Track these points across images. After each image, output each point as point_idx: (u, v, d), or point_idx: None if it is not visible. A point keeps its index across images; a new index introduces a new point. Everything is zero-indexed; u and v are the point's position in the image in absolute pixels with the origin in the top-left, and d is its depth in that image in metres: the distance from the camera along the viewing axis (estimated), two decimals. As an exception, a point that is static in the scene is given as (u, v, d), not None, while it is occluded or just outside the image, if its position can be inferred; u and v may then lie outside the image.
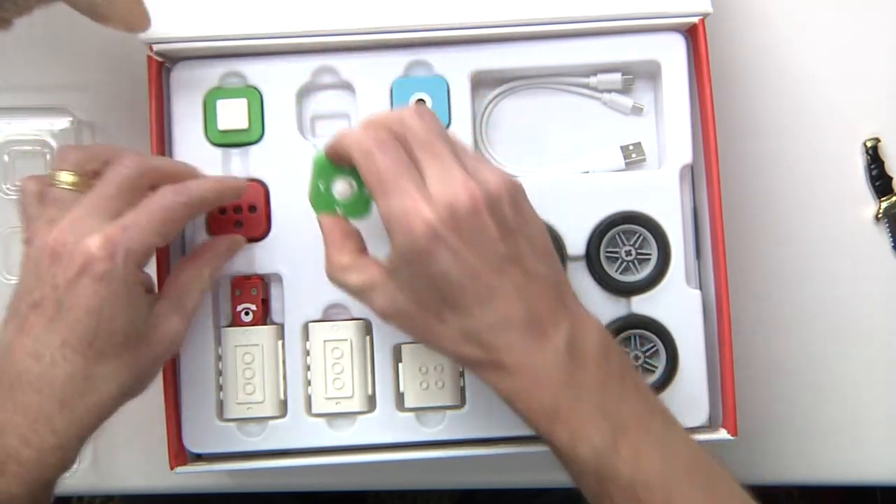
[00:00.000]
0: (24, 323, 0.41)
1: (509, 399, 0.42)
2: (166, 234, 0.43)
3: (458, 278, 0.40)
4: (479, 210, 0.40)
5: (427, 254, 0.40)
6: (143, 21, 0.47)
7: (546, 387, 0.41)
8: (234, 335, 0.52)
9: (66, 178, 0.45)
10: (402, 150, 0.42)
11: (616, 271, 0.53)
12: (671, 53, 0.53)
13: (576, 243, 0.53)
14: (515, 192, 0.43)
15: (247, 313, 0.52)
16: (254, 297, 0.52)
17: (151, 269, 0.51)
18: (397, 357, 0.53)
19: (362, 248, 0.46)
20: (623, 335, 0.53)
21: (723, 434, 0.51)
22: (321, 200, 0.47)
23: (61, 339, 0.41)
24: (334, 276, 0.45)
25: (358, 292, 0.45)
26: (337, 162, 0.45)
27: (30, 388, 0.41)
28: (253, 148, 0.53)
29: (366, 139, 0.42)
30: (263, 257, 0.52)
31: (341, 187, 0.47)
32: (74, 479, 0.57)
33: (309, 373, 0.52)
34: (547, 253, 0.44)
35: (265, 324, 0.53)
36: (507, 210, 0.42)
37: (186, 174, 0.48)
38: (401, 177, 0.41)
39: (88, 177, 0.45)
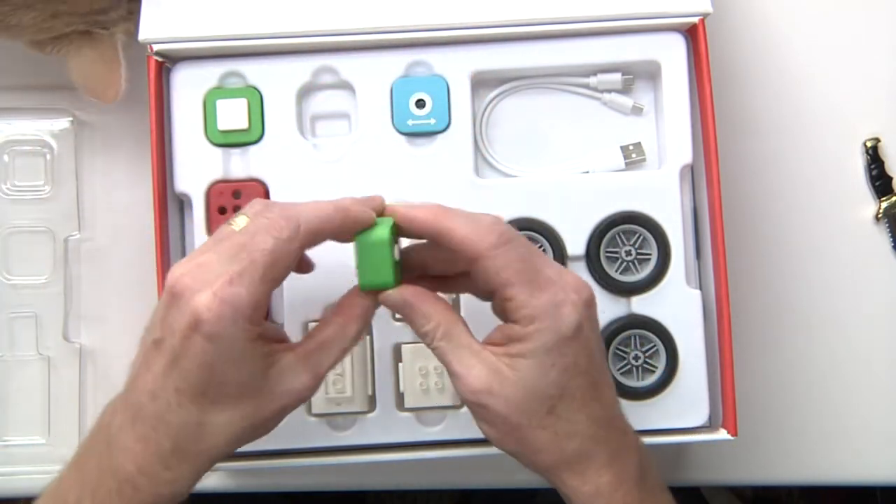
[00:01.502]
0: (146, 358, 0.41)
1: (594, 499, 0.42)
2: (276, 278, 0.40)
3: (586, 367, 0.41)
4: (594, 307, 0.43)
5: (571, 342, 0.41)
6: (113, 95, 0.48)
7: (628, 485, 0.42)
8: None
9: (240, 221, 0.42)
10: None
11: (616, 271, 0.53)
12: (671, 53, 0.53)
13: (576, 243, 0.53)
14: None
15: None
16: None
17: (150, 270, 0.51)
18: (397, 357, 0.53)
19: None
20: (623, 335, 0.53)
21: (723, 434, 0.51)
22: (395, 271, 0.43)
23: (175, 386, 0.40)
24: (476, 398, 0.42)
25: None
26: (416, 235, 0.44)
27: (147, 424, 0.40)
28: (253, 148, 0.53)
29: (492, 231, 0.41)
30: (263, 257, 0.52)
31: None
32: (73, 455, 0.57)
33: None
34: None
35: (265, 324, 0.53)
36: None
37: (338, 220, 0.43)
38: (529, 271, 0.41)
39: None
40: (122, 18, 0.52)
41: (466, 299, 0.51)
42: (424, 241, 0.45)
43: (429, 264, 0.46)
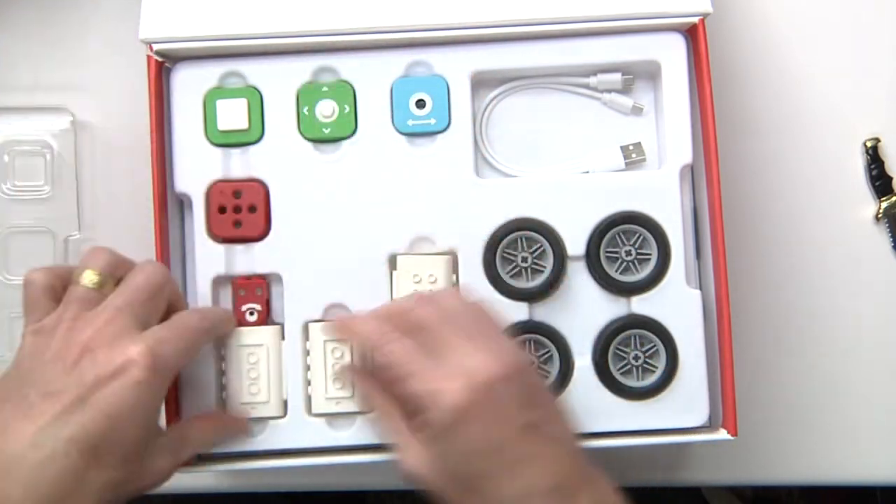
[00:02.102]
0: (29, 410, 0.41)
1: None
2: (191, 355, 0.46)
3: (485, 449, 0.42)
4: (499, 383, 0.42)
5: (456, 428, 0.41)
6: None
7: None
8: (237, 336, 0.52)
9: (90, 277, 0.45)
10: (410, 339, 0.44)
11: (616, 271, 0.53)
12: (671, 53, 0.53)
13: (576, 243, 0.53)
14: (527, 365, 0.45)
15: (252, 313, 0.52)
16: (258, 297, 0.52)
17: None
18: (397, 357, 0.53)
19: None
20: (623, 335, 0.53)
21: (723, 434, 0.51)
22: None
23: (70, 434, 0.40)
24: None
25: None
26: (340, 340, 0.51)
27: (15, 481, 0.40)
28: (253, 148, 0.53)
29: (381, 330, 0.45)
30: (263, 257, 0.52)
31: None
32: None
33: (309, 373, 0.52)
34: (563, 417, 0.46)
35: (267, 324, 0.53)
36: (523, 380, 0.43)
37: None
38: (419, 360, 0.43)
39: (111, 281, 0.46)
40: None
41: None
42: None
43: None
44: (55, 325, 0.44)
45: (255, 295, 0.52)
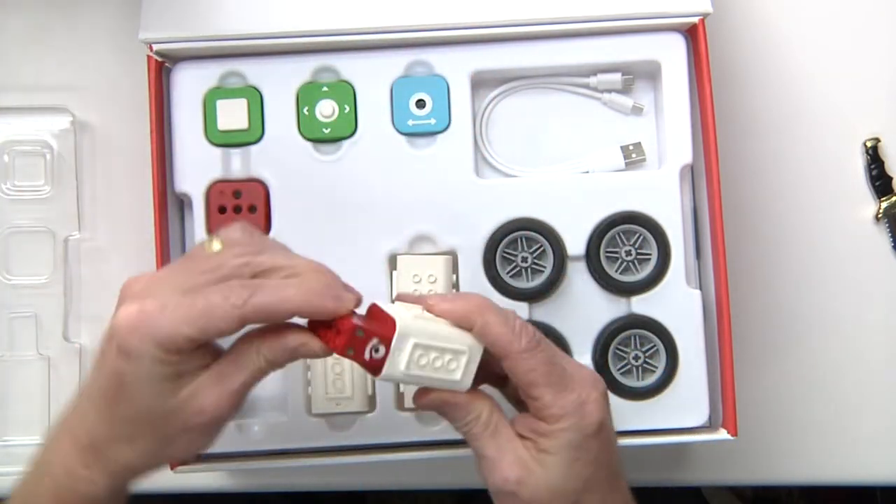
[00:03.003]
0: (94, 357, 0.42)
1: None
2: (203, 330, 0.39)
3: (608, 460, 0.43)
4: (608, 397, 0.45)
5: (597, 436, 0.43)
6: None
7: None
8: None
9: (214, 245, 0.42)
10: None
11: (616, 271, 0.53)
12: (671, 53, 0.53)
13: (576, 243, 0.53)
14: None
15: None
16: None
17: (150, 270, 0.51)
18: (397, 357, 0.53)
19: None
20: (623, 335, 0.53)
21: (723, 434, 0.51)
22: None
23: (98, 385, 0.41)
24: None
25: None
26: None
27: (78, 418, 0.41)
28: (253, 148, 0.53)
29: (523, 336, 0.43)
30: (263, 257, 0.52)
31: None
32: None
33: (309, 373, 0.52)
34: None
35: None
36: None
37: (294, 275, 0.41)
38: (557, 372, 0.43)
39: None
40: None
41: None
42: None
43: None
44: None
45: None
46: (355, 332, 0.40)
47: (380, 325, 0.41)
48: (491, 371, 0.44)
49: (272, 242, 0.44)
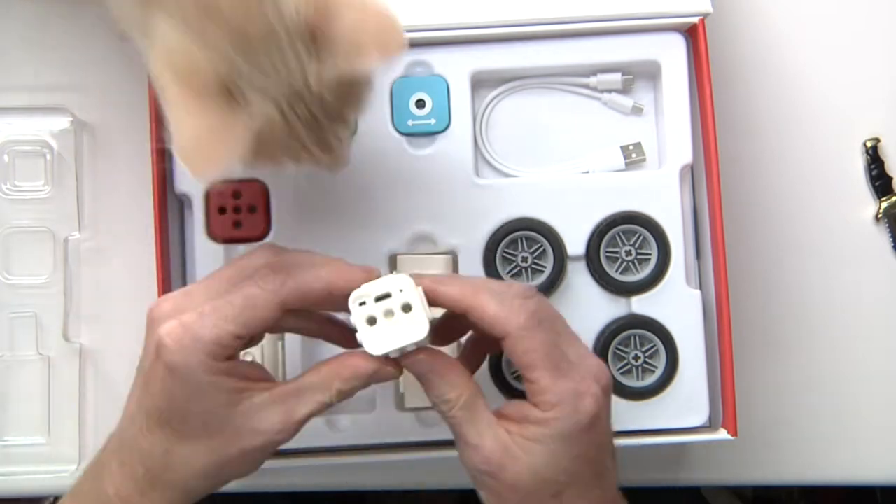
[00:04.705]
0: (134, 382, 0.42)
1: None
2: (247, 324, 0.39)
3: (595, 457, 0.42)
4: (610, 390, 0.43)
5: (589, 430, 0.41)
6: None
7: None
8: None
9: None
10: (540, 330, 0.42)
11: (616, 271, 0.53)
12: (671, 53, 0.53)
13: (576, 243, 0.53)
14: None
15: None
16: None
17: (150, 270, 0.51)
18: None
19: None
20: (623, 335, 0.53)
21: (723, 434, 0.51)
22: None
23: (146, 411, 0.40)
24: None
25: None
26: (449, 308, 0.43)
27: (125, 448, 0.41)
28: (253, 148, 0.53)
29: (521, 313, 0.41)
30: (263, 257, 0.52)
31: None
32: (76, 479, 0.57)
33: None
34: None
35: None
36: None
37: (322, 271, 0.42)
38: (556, 357, 0.41)
39: None
40: None
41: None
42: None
43: (456, 330, 0.46)
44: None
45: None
46: None
47: None
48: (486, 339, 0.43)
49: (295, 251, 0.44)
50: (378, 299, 0.41)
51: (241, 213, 0.52)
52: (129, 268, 0.58)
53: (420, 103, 0.53)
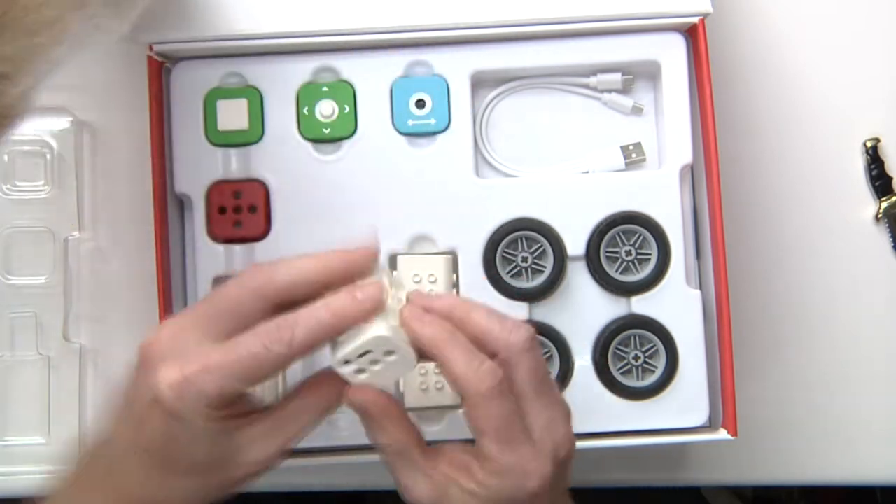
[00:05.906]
0: (124, 413, 0.41)
1: None
2: (251, 380, 0.39)
3: None
4: (570, 463, 0.42)
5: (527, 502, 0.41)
6: None
7: None
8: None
9: None
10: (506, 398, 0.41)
11: (616, 271, 0.53)
12: (671, 53, 0.53)
13: (576, 243, 0.53)
14: None
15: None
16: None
17: (150, 270, 0.51)
18: (397, 357, 0.52)
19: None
20: (623, 335, 0.53)
21: (723, 434, 0.51)
22: None
23: (143, 449, 0.41)
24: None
25: None
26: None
27: (120, 476, 0.41)
28: (253, 148, 0.53)
29: (485, 380, 0.40)
30: (263, 257, 0.52)
31: None
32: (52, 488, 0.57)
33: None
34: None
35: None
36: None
37: (315, 283, 0.41)
38: (514, 429, 0.40)
39: None
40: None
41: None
42: None
43: None
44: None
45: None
46: None
47: None
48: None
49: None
50: (360, 356, 0.41)
51: (242, 213, 0.52)
52: (129, 268, 0.58)
53: (420, 103, 0.53)
